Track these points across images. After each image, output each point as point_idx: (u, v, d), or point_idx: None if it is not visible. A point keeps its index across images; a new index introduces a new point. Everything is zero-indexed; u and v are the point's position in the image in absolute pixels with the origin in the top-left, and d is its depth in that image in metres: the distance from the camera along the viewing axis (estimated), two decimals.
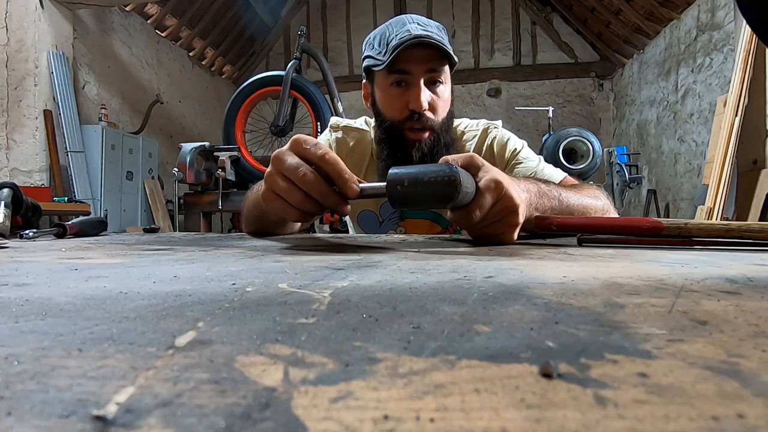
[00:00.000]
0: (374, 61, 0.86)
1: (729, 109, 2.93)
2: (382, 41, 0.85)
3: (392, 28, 0.85)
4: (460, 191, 0.48)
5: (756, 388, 0.12)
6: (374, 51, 0.86)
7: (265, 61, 7.05)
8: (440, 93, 0.85)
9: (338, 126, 1.01)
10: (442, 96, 0.86)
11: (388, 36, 0.84)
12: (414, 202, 0.49)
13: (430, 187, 0.48)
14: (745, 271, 0.32)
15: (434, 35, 0.81)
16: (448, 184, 0.47)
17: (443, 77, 0.85)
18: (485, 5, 6.50)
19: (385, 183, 0.49)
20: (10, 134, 3.64)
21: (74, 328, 0.18)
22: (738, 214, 2.92)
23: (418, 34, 0.79)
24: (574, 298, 0.23)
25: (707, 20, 3.98)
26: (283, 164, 0.51)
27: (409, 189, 0.48)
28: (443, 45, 0.81)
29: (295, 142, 0.52)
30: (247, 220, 0.82)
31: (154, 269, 0.35)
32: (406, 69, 0.83)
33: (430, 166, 0.50)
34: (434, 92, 0.85)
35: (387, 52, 0.82)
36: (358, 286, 0.26)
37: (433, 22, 0.87)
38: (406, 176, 0.49)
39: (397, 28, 0.84)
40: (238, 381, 0.12)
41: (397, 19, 0.87)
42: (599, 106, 6.24)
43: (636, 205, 5.37)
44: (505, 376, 0.12)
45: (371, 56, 0.87)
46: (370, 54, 0.88)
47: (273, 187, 0.52)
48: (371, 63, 0.88)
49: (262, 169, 3.02)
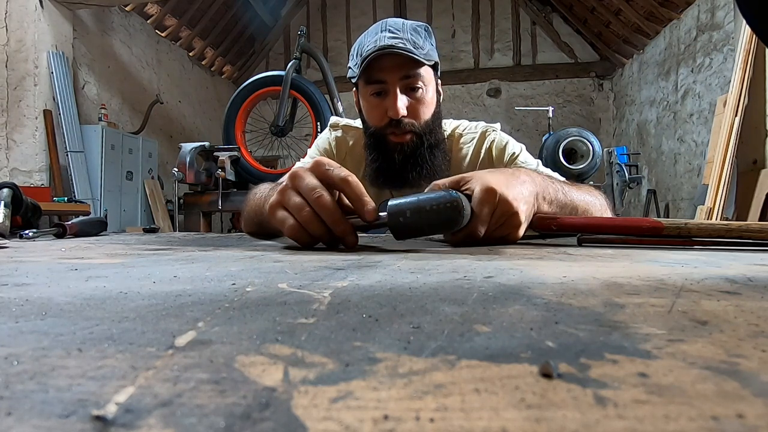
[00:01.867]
0: (352, 72, 0.88)
1: (729, 109, 2.93)
2: (358, 51, 0.86)
3: (366, 37, 0.86)
4: (464, 215, 0.48)
5: (756, 388, 0.12)
6: (353, 62, 0.88)
7: (265, 61, 7.05)
8: (420, 96, 0.86)
9: (338, 125, 1.02)
10: (422, 99, 0.86)
11: (362, 46, 0.85)
12: (418, 231, 0.48)
13: (434, 215, 0.47)
14: (745, 271, 0.32)
15: (401, 44, 0.80)
16: (451, 210, 0.47)
17: (422, 80, 0.85)
18: (485, 5, 6.50)
19: (386, 214, 0.48)
20: (9, 134, 3.64)
21: (74, 328, 0.18)
22: (738, 214, 2.92)
23: (383, 45, 0.80)
24: (574, 298, 0.23)
25: (707, 20, 3.98)
26: (301, 182, 0.49)
27: (413, 219, 0.47)
28: (410, 53, 0.80)
29: (317, 163, 0.51)
30: (246, 223, 0.83)
31: (154, 269, 0.35)
32: (381, 78, 0.84)
33: (428, 194, 0.49)
34: (413, 97, 0.85)
35: (358, 64, 0.84)
36: (358, 286, 0.26)
37: (409, 25, 0.86)
38: (408, 206, 0.47)
39: (369, 38, 0.85)
40: (238, 381, 0.12)
41: (373, 28, 0.88)
42: (599, 106, 6.24)
43: (636, 205, 5.37)
44: (505, 376, 0.12)
45: (351, 67, 0.89)
46: (350, 65, 0.90)
47: (284, 201, 0.50)
48: (351, 74, 0.90)
49: (262, 169, 3.03)
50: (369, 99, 0.87)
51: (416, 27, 0.87)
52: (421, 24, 0.89)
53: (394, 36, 0.82)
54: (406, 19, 0.89)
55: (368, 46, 0.83)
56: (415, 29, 0.86)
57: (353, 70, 0.88)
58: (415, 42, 0.83)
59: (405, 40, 0.82)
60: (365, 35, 0.88)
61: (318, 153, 1.01)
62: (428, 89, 0.87)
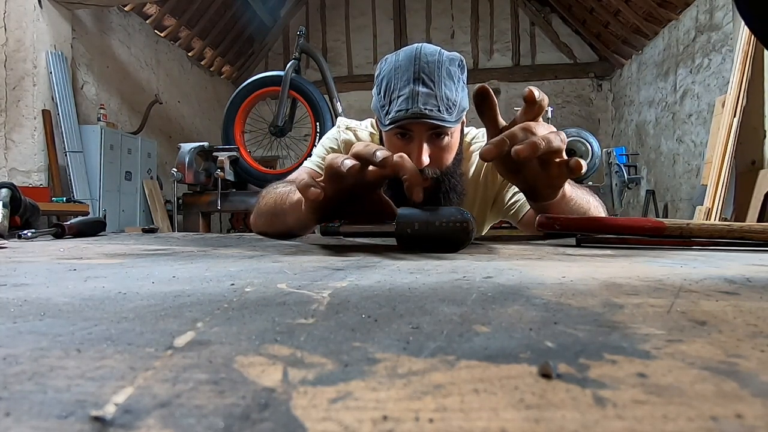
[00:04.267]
0: (377, 111, 0.83)
1: (727, 109, 2.93)
2: (387, 92, 0.80)
3: (397, 80, 0.78)
4: (471, 237, 0.48)
5: (754, 388, 0.12)
6: (379, 99, 0.82)
7: (264, 61, 7.05)
8: (445, 145, 0.81)
9: (348, 127, 1.00)
10: (446, 147, 0.82)
11: (392, 89, 0.78)
12: (423, 245, 0.49)
13: (441, 233, 0.47)
14: (744, 271, 0.32)
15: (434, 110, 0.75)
16: (460, 231, 0.47)
17: (449, 130, 0.80)
18: (484, 6, 6.51)
19: (395, 223, 0.49)
20: (8, 134, 3.63)
21: (73, 328, 0.18)
22: (736, 214, 2.93)
23: (415, 112, 0.75)
24: (573, 299, 0.23)
25: (706, 21, 3.99)
26: None
27: (419, 232, 0.47)
28: (443, 121, 0.76)
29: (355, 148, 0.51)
30: (260, 216, 0.83)
31: (153, 269, 0.35)
32: (409, 128, 0.79)
33: (441, 209, 0.49)
34: (438, 145, 0.81)
35: (387, 114, 0.78)
36: (357, 287, 0.26)
37: (445, 66, 0.78)
38: (417, 219, 0.48)
39: (401, 84, 0.77)
40: (237, 381, 0.12)
41: (406, 66, 0.78)
42: (598, 106, 6.25)
43: (635, 205, 5.38)
44: (504, 377, 0.12)
45: (376, 102, 0.83)
46: (374, 96, 0.84)
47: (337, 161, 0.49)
48: (375, 110, 0.84)
49: (261, 170, 3.02)
50: (392, 138, 0.82)
51: (450, 68, 0.79)
52: (455, 58, 0.81)
53: (429, 93, 0.76)
54: (440, 50, 0.80)
55: (399, 96, 0.77)
56: (449, 73, 0.78)
57: (379, 111, 0.81)
58: (448, 98, 0.77)
59: (439, 99, 0.76)
60: (395, 73, 0.79)
61: (326, 151, 0.99)
62: (454, 135, 0.83)
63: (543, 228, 0.58)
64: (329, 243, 0.61)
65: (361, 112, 5.95)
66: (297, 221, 0.71)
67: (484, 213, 0.97)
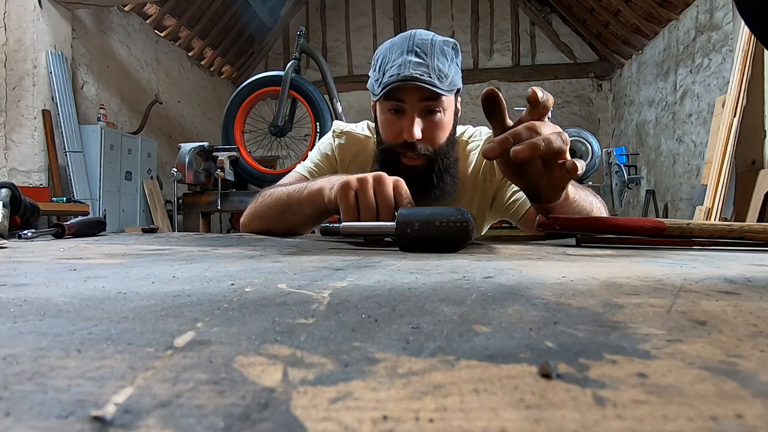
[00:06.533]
0: (372, 86, 0.86)
1: (727, 109, 2.94)
2: (381, 66, 0.83)
3: (391, 53, 0.82)
4: (471, 237, 0.48)
5: (754, 388, 0.12)
6: (374, 75, 0.85)
7: (264, 61, 7.05)
8: (437, 120, 0.83)
9: (342, 132, 1.00)
10: (439, 123, 0.84)
11: (385, 62, 0.82)
12: (424, 245, 0.49)
13: (441, 231, 0.47)
14: (744, 271, 0.32)
15: (425, 76, 0.77)
16: (460, 231, 0.47)
17: (441, 105, 0.83)
18: (484, 5, 6.51)
19: (394, 223, 0.49)
20: (8, 134, 3.63)
21: (73, 328, 0.18)
22: (736, 214, 2.93)
23: (406, 75, 0.77)
24: (573, 299, 0.23)
25: (706, 21, 3.99)
26: None
27: (420, 232, 0.48)
28: (433, 86, 0.78)
29: None
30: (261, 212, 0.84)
31: (153, 269, 0.35)
32: (401, 98, 0.81)
33: (440, 209, 0.49)
34: (430, 120, 0.83)
35: (381, 84, 0.81)
36: (358, 287, 0.26)
37: (438, 45, 0.81)
38: (416, 219, 0.48)
39: (394, 55, 0.81)
40: (237, 381, 0.12)
41: (399, 42, 0.83)
42: (598, 106, 6.24)
43: (635, 205, 5.38)
44: (504, 377, 0.12)
45: (372, 79, 0.86)
46: (371, 76, 0.87)
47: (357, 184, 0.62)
48: (370, 86, 0.87)
49: (261, 170, 3.03)
50: (386, 114, 0.85)
51: (443, 47, 0.82)
52: (449, 41, 0.85)
53: (420, 62, 0.79)
54: (435, 34, 0.84)
55: (392, 66, 0.80)
56: (443, 50, 0.82)
57: (373, 85, 0.85)
58: (440, 70, 0.79)
59: (431, 68, 0.79)
60: (390, 49, 0.83)
61: (320, 158, 1.00)
62: (447, 113, 0.85)
63: (543, 228, 0.58)
64: (329, 243, 0.61)
65: (361, 112, 5.94)
66: (308, 217, 0.76)
67: (483, 212, 0.97)
